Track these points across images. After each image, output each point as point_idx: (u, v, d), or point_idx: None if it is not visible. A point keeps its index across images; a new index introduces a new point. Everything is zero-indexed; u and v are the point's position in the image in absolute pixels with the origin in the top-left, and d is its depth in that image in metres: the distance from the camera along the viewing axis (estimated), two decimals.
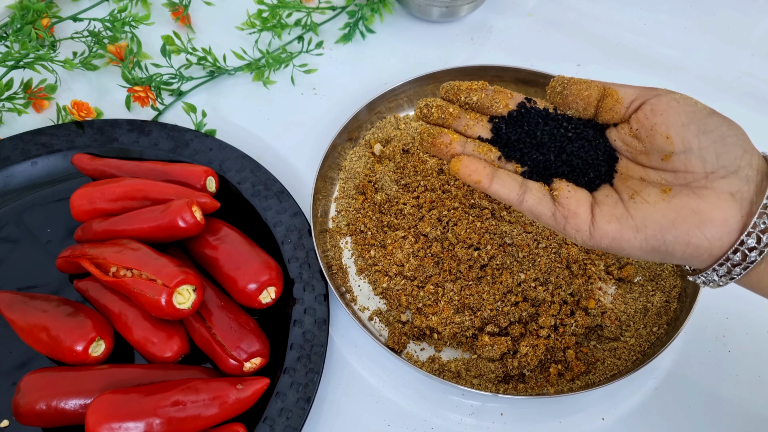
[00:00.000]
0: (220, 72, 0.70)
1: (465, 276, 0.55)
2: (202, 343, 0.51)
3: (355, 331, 0.56)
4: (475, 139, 0.42)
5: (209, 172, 0.58)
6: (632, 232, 0.37)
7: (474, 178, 0.40)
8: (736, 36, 0.76)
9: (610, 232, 0.38)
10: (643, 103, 0.39)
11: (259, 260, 0.53)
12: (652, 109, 0.38)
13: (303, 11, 0.74)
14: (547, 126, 0.41)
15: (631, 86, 0.40)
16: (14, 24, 0.67)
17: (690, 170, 0.37)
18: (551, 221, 0.40)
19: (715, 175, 0.36)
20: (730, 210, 0.36)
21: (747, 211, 0.36)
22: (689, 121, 0.37)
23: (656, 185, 0.38)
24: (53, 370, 0.49)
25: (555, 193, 0.40)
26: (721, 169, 0.36)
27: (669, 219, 0.37)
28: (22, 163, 0.61)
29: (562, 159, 0.41)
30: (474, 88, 0.43)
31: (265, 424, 0.48)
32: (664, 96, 0.38)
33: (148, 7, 0.75)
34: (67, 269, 0.55)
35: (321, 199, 0.60)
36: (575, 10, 0.78)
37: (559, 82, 0.41)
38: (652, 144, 0.39)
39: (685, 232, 0.36)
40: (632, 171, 0.40)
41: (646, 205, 0.38)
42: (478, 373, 0.52)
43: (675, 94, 0.39)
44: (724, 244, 0.36)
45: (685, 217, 0.36)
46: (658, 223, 0.37)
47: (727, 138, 0.36)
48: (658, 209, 0.37)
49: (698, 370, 0.54)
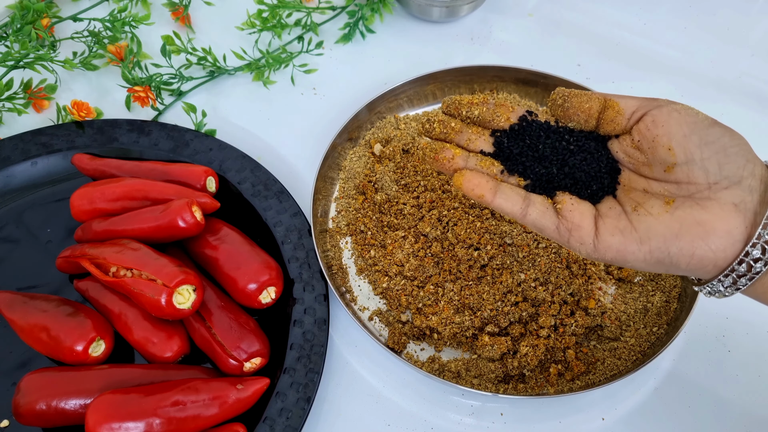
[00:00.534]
0: (220, 72, 0.70)
1: (465, 276, 0.55)
2: (202, 343, 0.51)
3: (355, 331, 0.56)
4: (478, 153, 0.42)
5: (209, 172, 0.58)
6: (636, 244, 0.37)
7: (477, 193, 0.40)
8: (736, 36, 0.76)
9: (614, 244, 0.38)
10: (644, 114, 0.39)
11: (259, 260, 0.53)
12: (653, 120, 0.38)
13: (303, 11, 0.74)
14: (548, 139, 0.41)
15: (632, 97, 0.40)
16: (14, 24, 0.67)
17: (693, 181, 0.37)
18: (555, 234, 0.40)
19: (718, 185, 0.36)
20: (734, 221, 0.35)
21: (751, 221, 0.35)
22: (691, 132, 0.37)
23: (659, 197, 0.38)
24: (53, 370, 0.49)
25: (558, 206, 0.40)
26: (724, 180, 0.36)
27: (673, 231, 0.36)
28: (22, 163, 0.61)
29: (564, 172, 0.41)
30: (475, 102, 0.43)
31: (265, 424, 0.48)
32: (666, 107, 0.38)
33: (148, 7, 0.75)
34: (67, 269, 0.55)
35: (321, 199, 0.60)
36: (575, 10, 0.78)
37: (559, 94, 0.41)
38: (654, 155, 0.38)
39: (689, 244, 0.36)
40: (635, 182, 0.40)
41: (650, 217, 0.37)
42: (478, 373, 0.52)
43: (676, 104, 0.38)
44: (729, 255, 0.36)
45: (689, 228, 0.36)
46: (662, 236, 0.37)
47: (729, 148, 0.36)
48: (661, 221, 0.37)
49: (698, 370, 0.54)
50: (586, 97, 0.40)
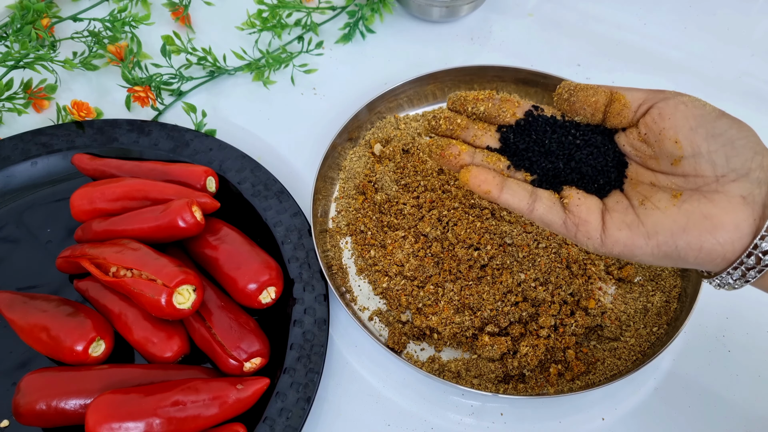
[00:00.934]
0: (220, 72, 0.70)
1: (465, 276, 0.55)
2: (202, 343, 0.51)
3: (355, 331, 0.56)
4: (484, 149, 0.42)
5: (209, 172, 0.58)
6: (643, 238, 0.37)
7: (484, 189, 0.40)
8: (736, 36, 0.76)
9: (621, 239, 0.38)
10: (651, 106, 0.39)
11: (259, 260, 0.53)
12: (660, 113, 0.38)
13: (303, 11, 0.74)
14: (555, 134, 0.41)
15: (638, 89, 0.40)
16: (14, 24, 0.67)
17: (700, 174, 0.37)
18: (562, 229, 0.40)
19: (726, 178, 0.36)
20: (742, 214, 0.35)
21: (759, 214, 0.35)
22: (698, 125, 0.37)
23: (667, 190, 0.38)
24: (53, 370, 0.49)
25: (565, 201, 0.40)
26: (732, 173, 0.36)
27: (680, 225, 0.36)
28: (22, 163, 0.61)
29: (571, 167, 0.40)
30: (481, 98, 0.43)
31: (265, 424, 0.48)
32: (672, 99, 0.38)
33: (148, 7, 0.75)
34: (67, 269, 0.55)
35: (321, 199, 0.60)
36: (575, 10, 0.78)
37: (565, 88, 0.41)
38: (661, 148, 0.38)
39: (697, 238, 0.36)
40: (642, 176, 0.40)
41: (657, 212, 0.37)
42: (478, 373, 0.52)
43: (683, 96, 0.38)
44: (737, 248, 0.36)
45: (696, 222, 0.36)
46: (669, 230, 0.36)
47: (736, 141, 0.36)
48: (668, 215, 0.37)
49: (698, 370, 0.54)
50: (592, 91, 0.40)
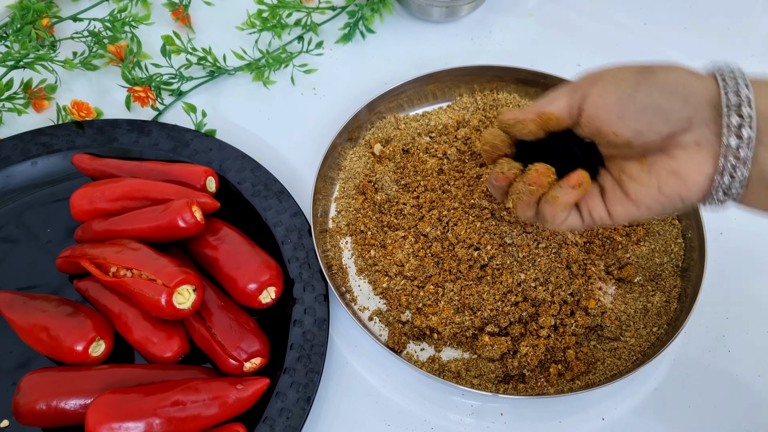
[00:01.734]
0: (220, 72, 0.70)
1: (465, 276, 0.55)
2: (202, 343, 0.51)
3: (355, 331, 0.56)
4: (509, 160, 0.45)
5: (209, 172, 0.58)
6: (636, 209, 0.41)
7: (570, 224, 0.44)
8: (736, 36, 0.76)
9: (621, 214, 0.42)
10: (580, 108, 0.41)
11: (259, 260, 0.53)
12: (588, 115, 0.40)
13: (303, 11, 0.74)
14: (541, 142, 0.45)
15: (559, 96, 0.42)
16: (14, 24, 0.67)
17: (651, 141, 0.39)
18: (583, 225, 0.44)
19: (675, 133, 0.38)
20: (701, 157, 0.38)
21: (716, 150, 0.37)
22: (622, 110, 0.39)
23: (635, 157, 0.41)
24: (53, 370, 0.49)
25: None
26: (676, 127, 0.38)
27: (655, 188, 0.39)
28: (22, 163, 0.61)
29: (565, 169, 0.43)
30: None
31: (265, 424, 0.48)
32: (589, 96, 0.40)
33: (148, 7, 0.75)
34: (67, 269, 0.55)
35: (321, 199, 0.60)
36: (575, 10, 0.78)
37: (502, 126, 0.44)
38: (608, 141, 0.41)
39: (674, 193, 0.39)
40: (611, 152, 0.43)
41: (635, 183, 0.40)
42: (478, 373, 0.52)
43: (595, 85, 0.40)
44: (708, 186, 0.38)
45: (667, 180, 0.39)
46: (650, 195, 0.40)
47: (662, 104, 0.38)
48: (643, 183, 0.40)
49: (698, 370, 0.54)
50: (521, 125, 0.43)
